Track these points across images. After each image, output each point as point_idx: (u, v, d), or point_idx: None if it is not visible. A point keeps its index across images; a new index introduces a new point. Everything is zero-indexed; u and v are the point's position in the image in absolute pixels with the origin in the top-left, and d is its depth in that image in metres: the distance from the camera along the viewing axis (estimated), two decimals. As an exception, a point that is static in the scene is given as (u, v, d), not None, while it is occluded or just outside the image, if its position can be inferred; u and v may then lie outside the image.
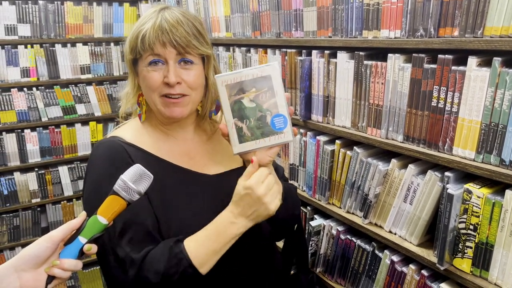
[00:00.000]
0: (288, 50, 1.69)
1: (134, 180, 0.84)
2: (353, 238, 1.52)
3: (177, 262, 0.91)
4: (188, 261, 0.92)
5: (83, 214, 0.85)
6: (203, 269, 0.93)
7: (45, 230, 3.25)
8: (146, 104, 1.10)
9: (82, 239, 0.82)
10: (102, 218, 0.83)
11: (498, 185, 1.10)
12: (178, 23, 0.99)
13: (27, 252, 0.80)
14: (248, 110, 0.97)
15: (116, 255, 0.93)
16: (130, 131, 1.09)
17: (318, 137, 1.61)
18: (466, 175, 1.17)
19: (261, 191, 0.92)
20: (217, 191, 1.07)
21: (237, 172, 1.01)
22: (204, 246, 0.94)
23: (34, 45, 3.02)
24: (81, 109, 3.25)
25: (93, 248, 0.83)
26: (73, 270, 0.82)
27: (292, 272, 1.44)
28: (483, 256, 1.11)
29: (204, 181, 1.08)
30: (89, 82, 3.28)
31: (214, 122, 1.18)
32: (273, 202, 0.95)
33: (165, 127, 1.10)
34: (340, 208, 1.57)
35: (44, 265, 0.81)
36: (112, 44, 3.33)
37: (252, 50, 1.95)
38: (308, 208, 1.75)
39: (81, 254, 0.83)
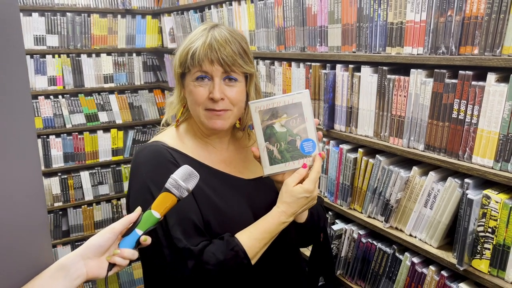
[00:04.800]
0: (313, 64, 1.80)
1: (184, 179, 0.94)
2: (374, 242, 1.61)
3: (235, 254, 1.02)
4: (244, 253, 1.02)
5: (138, 209, 0.94)
6: (253, 261, 1.05)
7: (66, 234, 3.36)
8: (188, 114, 1.21)
9: (138, 231, 0.91)
10: (156, 212, 0.93)
11: (515, 191, 1.19)
12: (226, 42, 1.07)
13: (92, 242, 0.89)
14: (279, 134, 1.06)
15: (174, 247, 1.01)
16: (171, 138, 1.19)
17: (341, 146, 1.71)
18: (484, 182, 1.26)
19: (316, 191, 1.07)
20: (252, 194, 1.18)
21: (269, 178, 1.12)
22: (257, 241, 1.05)
23: (61, 55, 3.17)
24: (103, 117, 3.37)
25: (148, 239, 0.92)
26: (131, 258, 0.91)
27: (320, 283, 1.53)
28: (500, 257, 1.20)
29: (241, 184, 1.19)
30: (111, 91, 3.42)
31: (251, 136, 1.29)
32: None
33: (204, 136, 1.20)
34: (362, 213, 1.67)
35: (105, 254, 0.90)
36: (134, 54, 3.46)
37: (276, 63, 2.06)
38: (330, 213, 1.84)
39: (138, 245, 0.92)
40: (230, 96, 1.10)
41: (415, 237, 1.46)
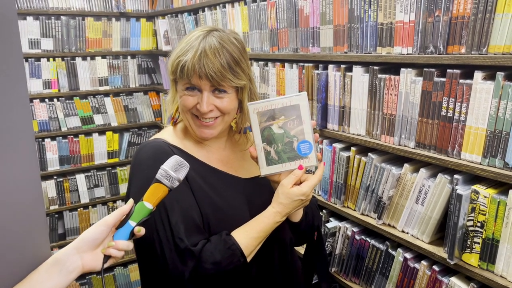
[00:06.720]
0: (306, 64, 1.82)
1: (174, 169, 0.95)
2: (367, 238, 1.64)
3: (232, 253, 1.04)
4: (241, 252, 1.05)
5: (131, 201, 0.95)
6: (249, 259, 1.08)
7: (62, 237, 3.36)
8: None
9: (132, 222, 0.93)
10: (148, 203, 0.94)
11: (502, 186, 1.22)
12: (215, 55, 1.06)
13: (86, 235, 0.90)
14: (277, 136, 1.08)
15: (175, 246, 1.03)
16: (171, 136, 1.21)
17: (334, 145, 1.73)
18: (473, 178, 1.30)
19: (311, 194, 1.10)
20: (249, 193, 1.20)
21: (265, 178, 1.13)
22: (253, 239, 1.08)
23: (56, 58, 3.18)
24: (98, 119, 3.38)
25: (142, 230, 0.93)
26: (126, 250, 0.92)
27: (314, 281, 1.56)
28: (489, 251, 1.22)
29: (238, 183, 1.21)
30: (106, 94, 3.43)
31: (248, 138, 1.31)
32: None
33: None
34: (355, 210, 1.69)
35: (100, 247, 0.91)
36: (129, 57, 3.48)
37: (270, 64, 2.09)
38: (324, 211, 1.86)
39: (132, 236, 0.93)
40: (220, 106, 1.11)
41: (407, 233, 1.49)
